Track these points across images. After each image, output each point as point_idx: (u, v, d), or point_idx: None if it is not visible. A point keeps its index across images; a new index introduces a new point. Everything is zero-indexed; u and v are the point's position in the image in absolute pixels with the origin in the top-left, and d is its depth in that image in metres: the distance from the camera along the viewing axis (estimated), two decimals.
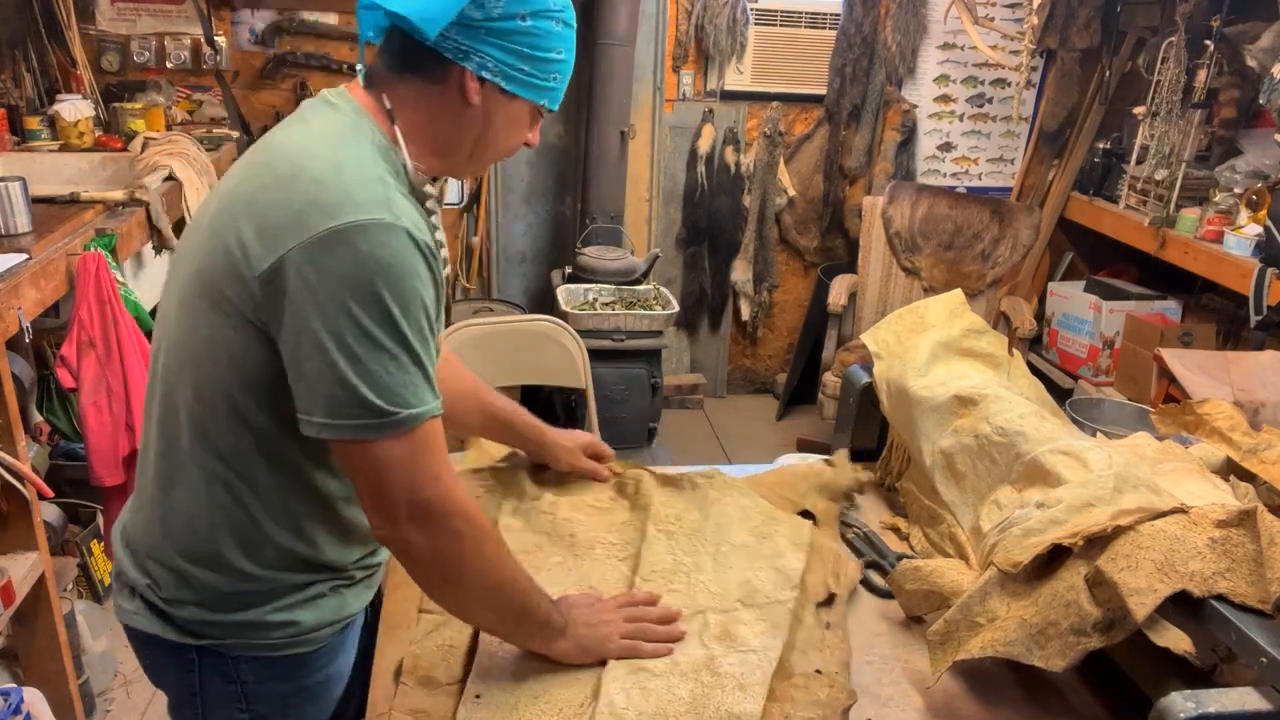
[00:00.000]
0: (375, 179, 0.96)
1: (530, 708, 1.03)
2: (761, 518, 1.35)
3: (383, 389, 0.92)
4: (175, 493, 1.05)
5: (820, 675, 1.09)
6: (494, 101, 1.04)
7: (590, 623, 1.10)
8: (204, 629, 1.08)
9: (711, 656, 1.09)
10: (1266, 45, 3.02)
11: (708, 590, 1.21)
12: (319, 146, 0.98)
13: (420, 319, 0.95)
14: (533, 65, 1.04)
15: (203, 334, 0.99)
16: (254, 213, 0.94)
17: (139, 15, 3.31)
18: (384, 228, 0.91)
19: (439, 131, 1.05)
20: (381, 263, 0.91)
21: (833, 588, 1.25)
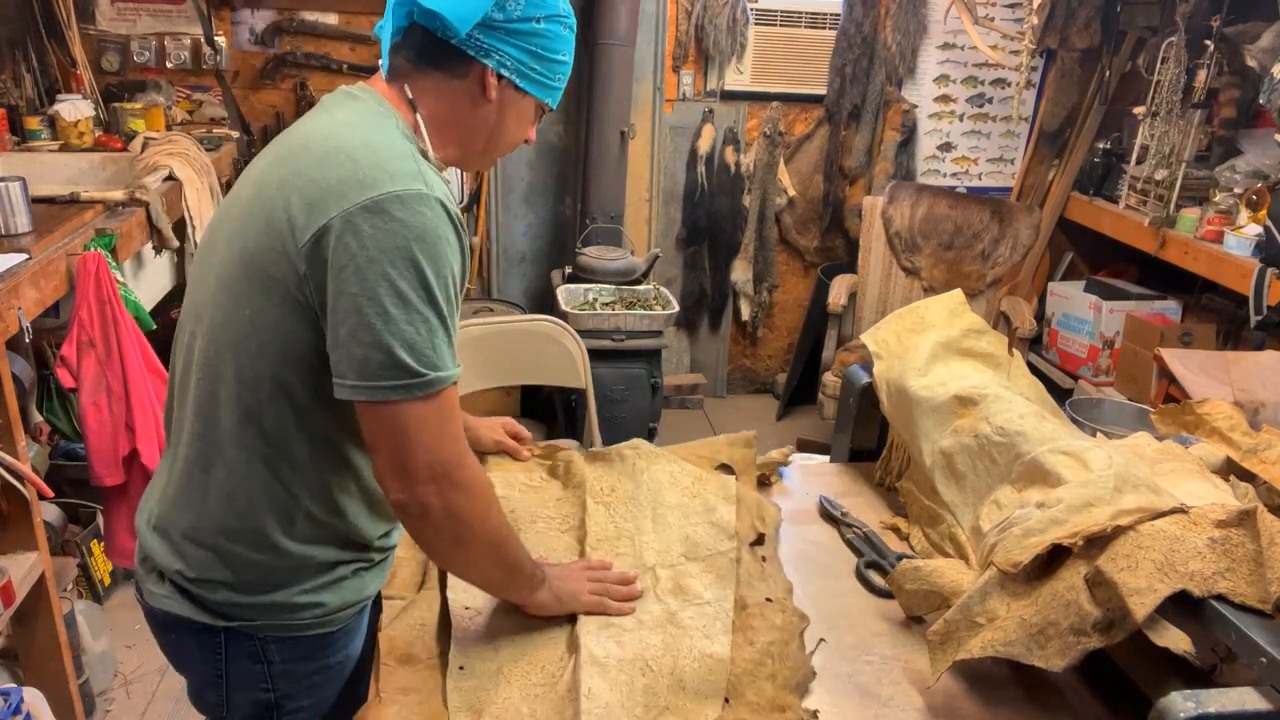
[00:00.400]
0: (407, 155, 1.02)
1: (513, 669, 1.08)
2: (690, 479, 1.41)
3: (415, 350, 0.97)
4: (214, 473, 1.08)
5: (771, 602, 1.19)
6: (508, 98, 1.11)
7: (561, 577, 1.17)
8: (235, 610, 1.11)
9: (671, 611, 1.16)
10: (1266, 45, 3.02)
11: (653, 549, 1.27)
12: (348, 130, 1.04)
13: (449, 285, 1.00)
14: (543, 65, 1.11)
15: (245, 314, 1.03)
16: (293, 191, 0.99)
17: (139, 15, 3.31)
18: (419, 197, 0.97)
19: (457, 123, 1.11)
20: (417, 230, 0.96)
21: (760, 528, 1.35)
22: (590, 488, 1.37)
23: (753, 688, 1.06)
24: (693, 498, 1.37)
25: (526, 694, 1.05)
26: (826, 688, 1.12)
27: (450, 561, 1.13)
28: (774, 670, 1.08)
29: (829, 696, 1.11)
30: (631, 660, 1.07)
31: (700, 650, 1.08)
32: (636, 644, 1.10)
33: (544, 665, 1.09)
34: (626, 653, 1.08)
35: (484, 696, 1.04)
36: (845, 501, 1.52)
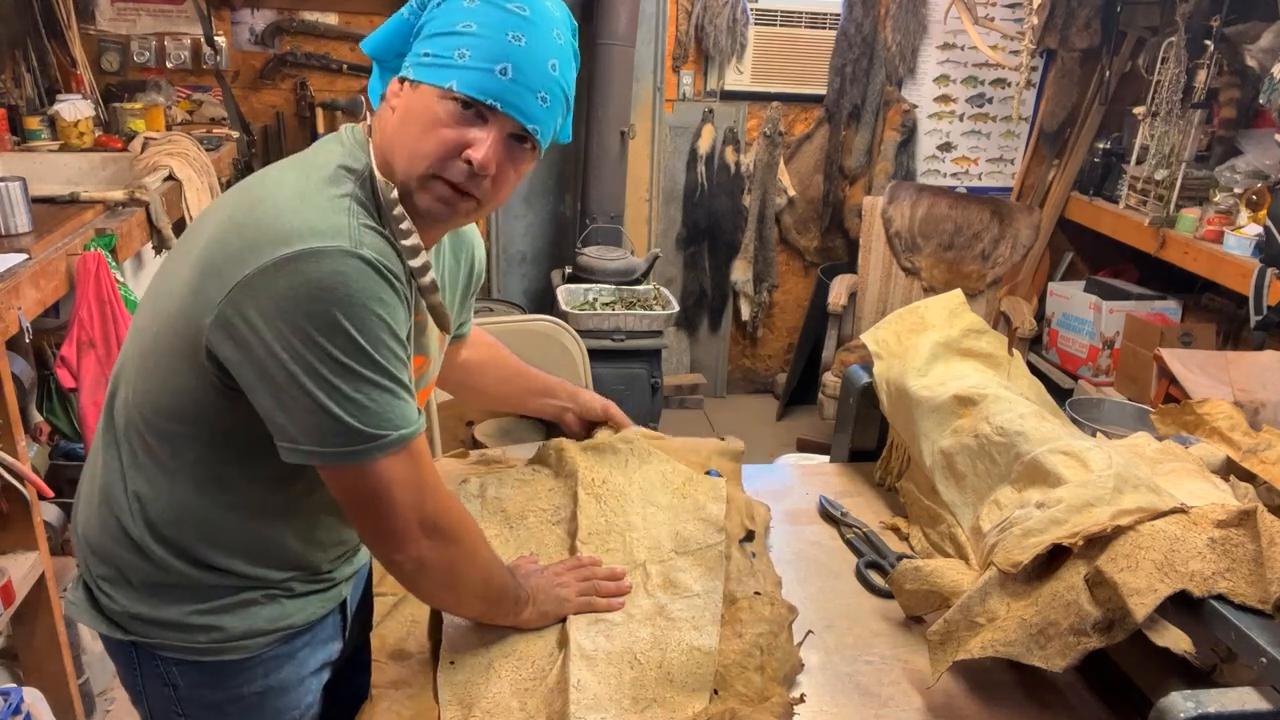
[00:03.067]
0: (342, 209, 0.93)
1: (504, 663, 1.09)
2: (681, 479, 1.41)
3: (370, 415, 0.92)
4: (109, 477, 1.06)
5: (760, 596, 1.19)
6: (406, 99, 0.98)
7: (546, 587, 1.14)
8: (131, 624, 1.08)
9: (660, 605, 1.16)
10: (1266, 45, 3.02)
11: (643, 545, 1.27)
12: (295, 176, 0.97)
13: (389, 342, 0.92)
14: (435, 44, 0.96)
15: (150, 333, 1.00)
16: (213, 246, 0.93)
17: (139, 15, 3.31)
18: (342, 254, 0.88)
19: (380, 154, 1.01)
20: (339, 289, 0.88)
21: (749, 525, 1.36)
22: (582, 478, 1.37)
23: (741, 679, 1.06)
24: (683, 498, 1.37)
25: (516, 687, 1.06)
26: (826, 688, 1.12)
27: (443, 604, 1.11)
28: (762, 662, 1.09)
29: (829, 696, 1.11)
30: (620, 653, 1.08)
31: (688, 643, 1.09)
32: (625, 637, 1.11)
33: (534, 659, 1.10)
34: (615, 646, 1.09)
35: (474, 690, 1.05)
36: (845, 501, 1.52)
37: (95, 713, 2.22)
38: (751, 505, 1.42)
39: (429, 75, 0.95)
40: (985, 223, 3.61)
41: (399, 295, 0.94)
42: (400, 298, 0.94)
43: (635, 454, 1.43)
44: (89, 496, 1.10)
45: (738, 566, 1.25)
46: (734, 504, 1.38)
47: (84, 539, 1.11)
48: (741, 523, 1.36)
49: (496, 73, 0.94)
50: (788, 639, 1.14)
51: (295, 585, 1.12)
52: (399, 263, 0.96)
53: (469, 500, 1.38)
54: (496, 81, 0.94)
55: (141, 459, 1.03)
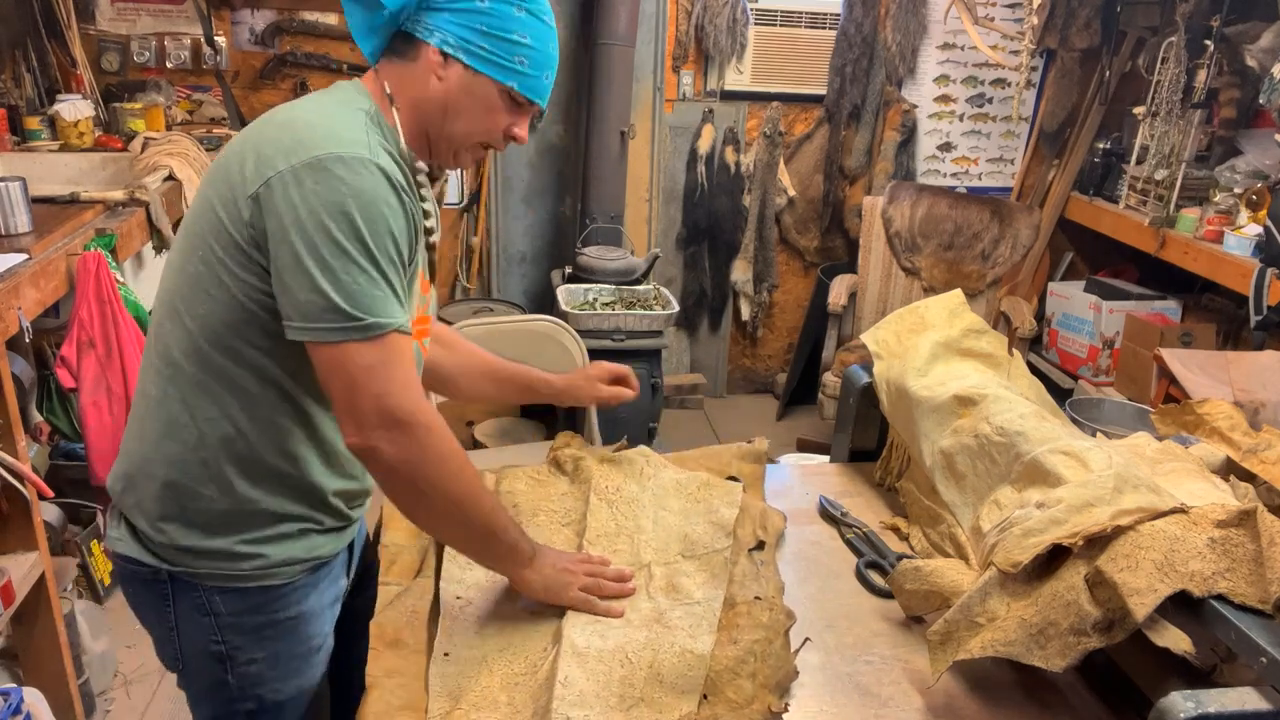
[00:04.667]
0: (361, 128, 1.06)
1: (498, 658, 1.10)
2: (696, 485, 1.41)
3: (351, 295, 1.01)
4: (168, 405, 1.13)
5: (760, 601, 1.20)
6: (460, 77, 1.12)
7: (556, 565, 1.18)
8: (178, 556, 1.15)
9: (660, 610, 1.17)
10: (1266, 45, 3.02)
11: (650, 547, 1.28)
12: (313, 105, 1.11)
13: (388, 244, 1.03)
14: (493, 44, 1.11)
15: (199, 256, 1.08)
16: (249, 149, 1.05)
17: (139, 15, 3.31)
18: (360, 161, 1.02)
19: (417, 108, 1.14)
20: (354, 187, 1.01)
21: (761, 536, 1.35)
22: (596, 485, 1.38)
23: (732, 685, 1.06)
24: (696, 501, 1.37)
25: (506, 682, 1.07)
26: (827, 688, 1.12)
27: (413, 514, 1.14)
28: (755, 669, 1.08)
29: (829, 696, 1.11)
30: (612, 652, 1.08)
31: (682, 646, 1.09)
32: (620, 637, 1.11)
33: (527, 655, 1.11)
34: (608, 644, 1.09)
35: (464, 683, 1.06)
36: (845, 501, 1.52)
37: (95, 713, 2.22)
38: (767, 514, 1.41)
39: (492, 71, 1.12)
40: (985, 223, 3.61)
41: (404, 205, 1.06)
42: (406, 211, 1.06)
43: (651, 464, 1.44)
44: (144, 436, 1.15)
45: (743, 572, 1.25)
46: (748, 513, 1.38)
47: (138, 478, 1.16)
48: (754, 532, 1.35)
49: (544, 79, 1.16)
50: (783, 645, 1.13)
51: (324, 519, 1.21)
52: (408, 182, 1.09)
53: None
54: (543, 85, 1.16)
55: (211, 386, 1.10)
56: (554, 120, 3.75)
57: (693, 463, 1.51)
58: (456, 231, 3.80)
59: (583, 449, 1.50)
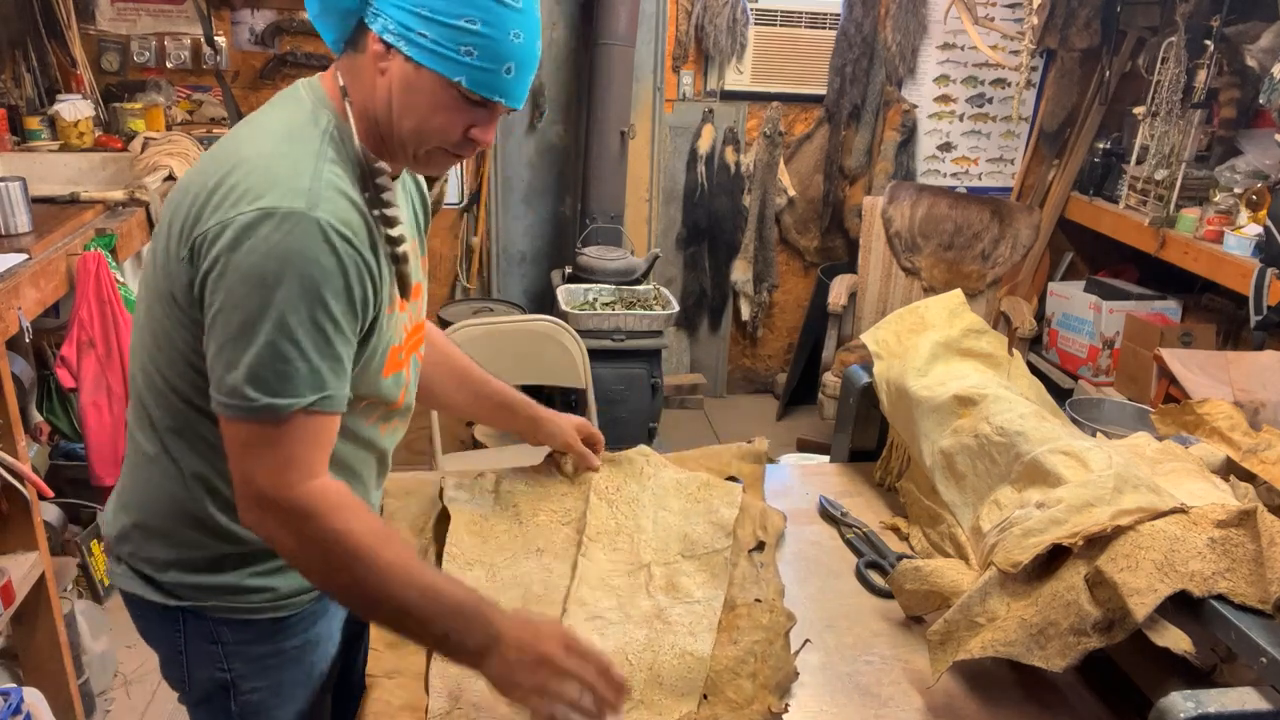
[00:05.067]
0: (308, 171, 0.96)
1: None
2: (696, 485, 1.41)
3: (253, 374, 0.93)
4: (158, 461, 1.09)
5: (760, 603, 1.19)
6: (401, 71, 0.99)
7: (525, 656, 0.96)
8: (185, 592, 1.12)
9: (660, 608, 1.17)
10: (1266, 45, 3.02)
11: (650, 547, 1.28)
12: (265, 138, 1.00)
13: (316, 312, 0.94)
14: (436, 30, 0.96)
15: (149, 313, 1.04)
16: (190, 194, 0.99)
17: (139, 15, 3.31)
18: (292, 217, 0.92)
19: (367, 105, 1.03)
20: (280, 251, 0.92)
21: (761, 536, 1.35)
22: (596, 484, 1.38)
23: (732, 685, 1.06)
24: (696, 502, 1.37)
25: None
26: (826, 688, 1.12)
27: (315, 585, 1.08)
28: (755, 669, 1.09)
29: (829, 696, 1.11)
30: (612, 653, 1.08)
31: (681, 648, 1.09)
32: (620, 636, 1.11)
33: None
34: (608, 644, 1.09)
35: (464, 682, 1.06)
36: (845, 501, 1.52)
37: (95, 713, 2.22)
38: (767, 514, 1.41)
39: (435, 64, 0.97)
40: (985, 223, 3.61)
41: (344, 261, 0.95)
42: (347, 263, 0.96)
43: (651, 464, 1.44)
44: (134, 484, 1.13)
45: (743, 573, 1.25)
46: (748, 513, 1.38)
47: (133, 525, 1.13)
48: (754, 532, 1.35)
49: (503, 72, 0.99)
50: (783, 646, 1.13)
51: None
52: (362, 227, 0.99)
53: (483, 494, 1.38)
54: (502, 80, 0.99)
55: (191, 439, 1.07)
56: (554, 120, 3.75)
57: (693, 463, 1.51)
58: (456, 231, 3.80)
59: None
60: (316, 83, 1.06)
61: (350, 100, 1.03)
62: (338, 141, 1.02)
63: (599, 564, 1.25)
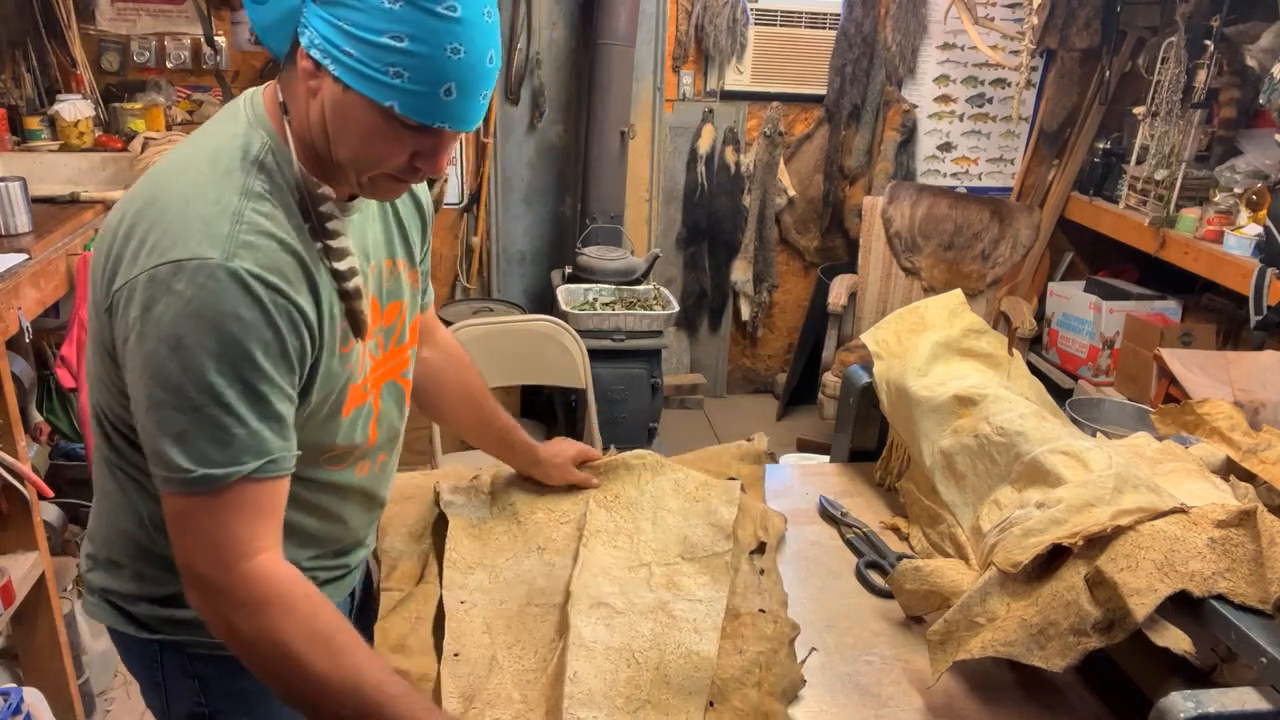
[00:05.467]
0: (227, 212, 0.87)
1: (507, 656, 1.10)
2: (694, 485, 1.41)
3: (182, 442, 0.86)
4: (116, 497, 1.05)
5: (764, 614, 1.19)
6: (331, 93, 0.88)
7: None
8: (159, 625, 1.08)
9: (663, 601, 1.17)
10: (1266, 45, 3.02)
11: (650, 547, 1.28)
12: (185, 172, 0.91)
13: (244, 371, 0.86)
14: (359, 48, 0.84)
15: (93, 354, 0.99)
16: (109, 241, 0.91)
17: (139, 15, 3.31)
18: (205, 268, 0.84)
19: (308, 128, 0.92)
20: (194, 308, 0.84)
21: (762, 537, 1.35)
22: (594, 494, 1.38)
23: (739, 694, 1.06)
24: (695, 502, 1.37)
25: (518, 679, 1.07)
26: (826, 688, 1.12)
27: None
28: (760, 678, 1.08)
29: (829, 696, 1.11)
30: (619, 649, 1.08)
31: (688, 647, 1.09)
32: (626, 630, 1.11)
33: (536, 649, 1.11)
34: (615, 640, 1.09)
35: (476, 683, 1.06)
36: (845, 501, 1.52)
37: (95, 713, 2.22)
38: (767, 515, 1.41)
39: (363, 87, 0.85)
40: (985, 223, 3.61)
41: (270, 312, 0.87)
42: (275, 313, 0.88)
43: (648, 467, 1.43)
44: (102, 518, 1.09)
45: (744, 582, 1.24)
46: (748, 514, 1.38)
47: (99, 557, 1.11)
48: (754, 533, 1.35)
49: (440, 94, 0.86)
50: (788, 654, 1.13)
51: (319, 574, 1.13)
52: (295, 268, 0.90)
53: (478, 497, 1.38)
54: (441, 104, 0.86)
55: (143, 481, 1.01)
56: (554, 120, 3.75)
57: (692, 466, 1.51)
58: (456, 231, 3.80)
59: None
60: (259, 98, 0.96)
61: (289, 119, 0.92)
62: (272, 168, 0.92)
63: (600, 557, 1.25)
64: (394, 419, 1.16)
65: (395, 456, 1.21)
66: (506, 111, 3.69)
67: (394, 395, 1.15)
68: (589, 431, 2.58)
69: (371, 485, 1.16)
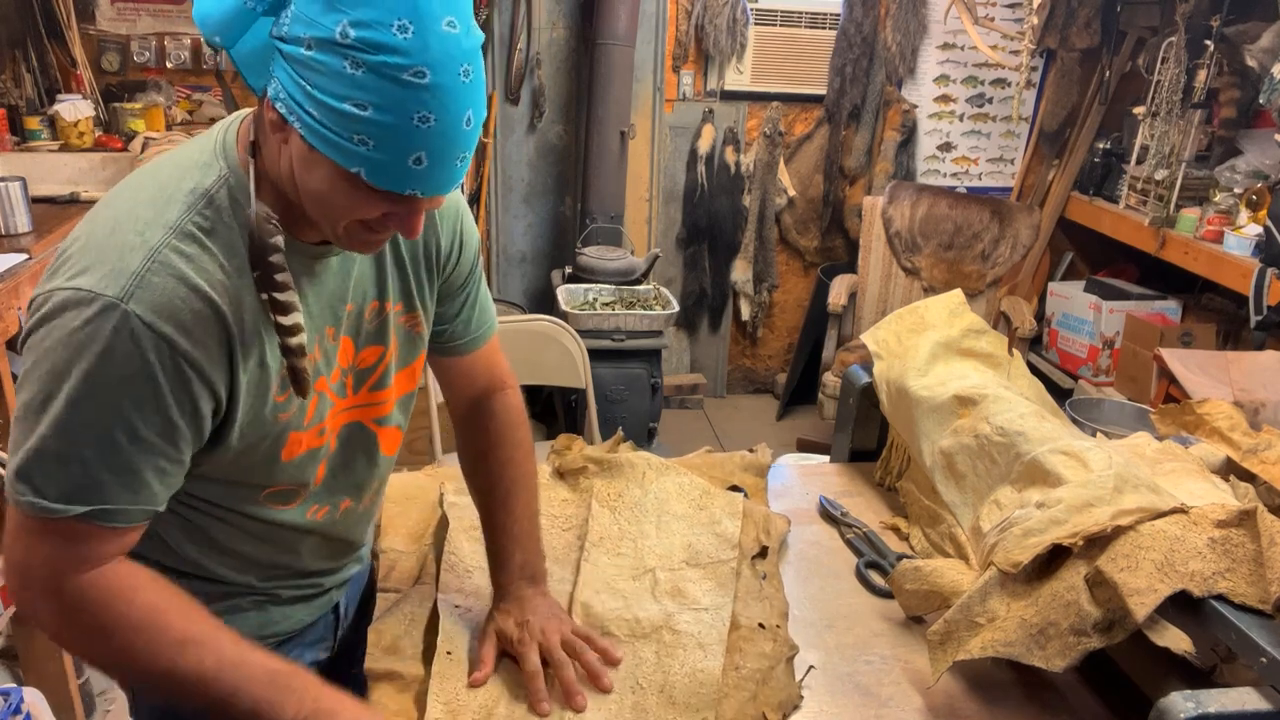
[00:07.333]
0: (144, 248, 0.82)
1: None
2: (698, 492, 1.40)
3: (21, 462, 0.83)
4: None
5: (764, 629, 1.17)
6: (299, 150, 0.82)
7: None
8: None
9: (668, 613, 1.16)
10: (1266, 45, 3.02)
11: (654, 552, 1.27)
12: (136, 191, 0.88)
13: (106, 419, 0.82)
14: (323, 113, 0.78)
15: None
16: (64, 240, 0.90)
17: (139, 15, 3.31)
18: (98, 304, 0.80)
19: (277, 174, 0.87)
20: (75, 342, 0.80)
21: (764, 541, 1.34)
22: (597, 492, 1.37)
23: (734, 707, 1.06)
24: (699, 509, 1.36)
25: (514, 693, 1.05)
26: (827, 688, 1.12)
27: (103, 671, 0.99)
28: (756, 691, 1.08)
29: (829, 696, 1.11)
30: (622, 678, 1.07)
31: (692, 665, 1.08)
32: (630, 659, 1.10)
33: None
34: (618, 671, 1.08)
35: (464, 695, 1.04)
36: (845, 501, 1.52)
37: (95, 713, 2.22)
38: (770, 519, 1.40)
39: (328, 151, 0.79)
40: (985, 223, 3.61)
41: (152, 367, 0.82)
42: (157, 369, 0.83)
43: (652, 467, 1.43)
44: None
45: (746, 587, 1.24)
46: (751, 517, 1.37)
47: None
48: (757, 538, 1.34)
49: (410, 163, 0.80)
50: (784, 671, 1.12)
51: (282, 592, 1.11)
52: (208, 319, 0.85)
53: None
54: (410, 172, 0.80)
55: None
56: (554, 120, 3.75)
57: (695, 470, 1.51)
58: None
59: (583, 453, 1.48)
60: (234, 129, 0.91)
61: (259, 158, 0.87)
62: (222, 205, 0.86)
63: (603, 568, 1.24)
64: (357, 466, 1.09)
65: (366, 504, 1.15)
66: (506, 111, 3.69)
67: (362, 442, 1.08)
68: (589, 431, 2.58)
69: (330, 529, 1.11)
